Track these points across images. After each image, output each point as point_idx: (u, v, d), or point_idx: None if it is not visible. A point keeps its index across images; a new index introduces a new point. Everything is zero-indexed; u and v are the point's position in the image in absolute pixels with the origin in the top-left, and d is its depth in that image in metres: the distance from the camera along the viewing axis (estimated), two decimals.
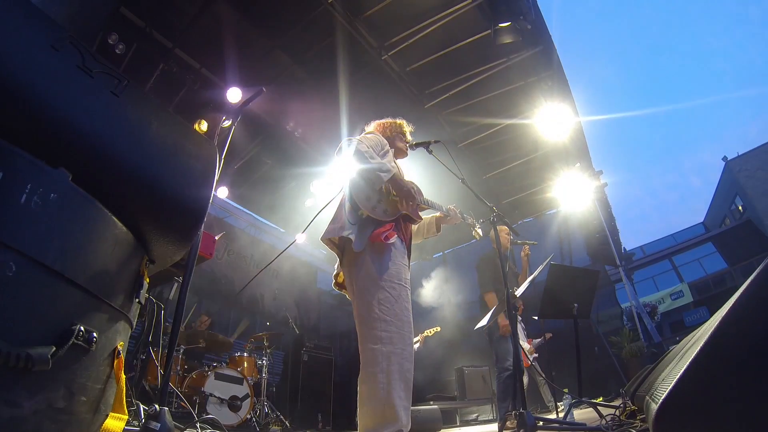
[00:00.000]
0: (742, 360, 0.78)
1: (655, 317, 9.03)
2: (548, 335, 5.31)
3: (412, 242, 2.16)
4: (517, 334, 2.63)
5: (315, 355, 6.37)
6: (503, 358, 3.47)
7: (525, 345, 5.23)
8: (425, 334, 5.39)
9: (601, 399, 4.49)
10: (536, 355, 5.41)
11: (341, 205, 1.90)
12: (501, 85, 5.58)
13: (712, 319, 1.12)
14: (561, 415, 3.17)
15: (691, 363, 0.83)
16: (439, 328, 5.60)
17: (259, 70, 5.20)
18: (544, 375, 4.92)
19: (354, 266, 1.78)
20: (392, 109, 5.41)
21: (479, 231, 2.42)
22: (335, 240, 1.85)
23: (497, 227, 2.48)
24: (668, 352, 2.17)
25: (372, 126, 2.29)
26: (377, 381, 1.55)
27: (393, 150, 2.15)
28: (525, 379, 4.78)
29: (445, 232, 2.36)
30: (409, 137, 2.29)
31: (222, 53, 4.97)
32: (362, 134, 2.18)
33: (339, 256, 1.90)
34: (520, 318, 4.81)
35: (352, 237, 1.73)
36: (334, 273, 2.00)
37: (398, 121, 2.30)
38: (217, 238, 2.89)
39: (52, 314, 0.81)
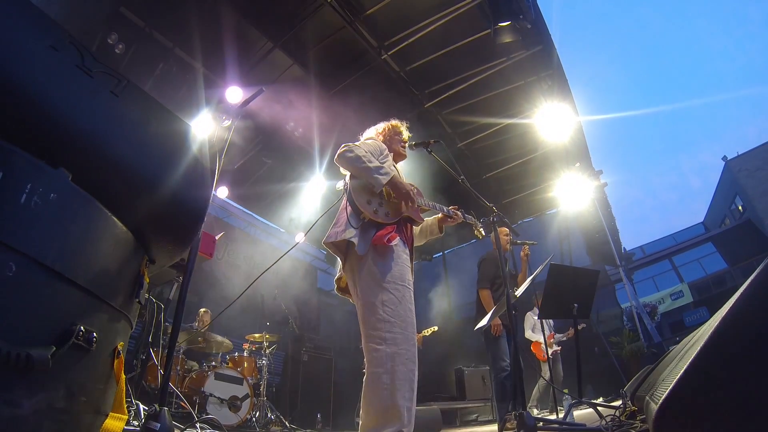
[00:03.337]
0: (741, 360, 0.78)
1: (655, 317, 9.03)
2: (571, 331, 5.17)
3: (416, 244, 2.17)
4: (514, 334, 2.63)
5: (315, 355, 6.37)
6: (499, 359, 3.46)
7: (538, 338, 5.21)
8: (423, 333, 5.39)
9: (601, 399, 4.49)
10: (558, 348, 5.39)
11: (343, 209, 1.91)
12: (501, 85, 5.58)
13: (712, 319, 1.12)
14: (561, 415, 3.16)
15: (691, 363, 0.83)
16: (436, 328, 5.60)
17: (259, 70, 5.20)
18: (552, 374, 4.91)
19: (357, 269, 1.78)
20: (392, 108, 5.44)
21: (482, 230, 2.42)
22: (338, 243, 1.86)
23: (497, 228, 2.48)
24: (668, 353, 2.17)
25: (369, 133, 2.27)
26: (381, 382, 1.55)
27: (392, 154, 2.14)
28: (547, 375, 4.77)
29: (445, 233, 2.36)
30: (406, 137, 2.28)
31: (222, 53, 4.97)
32: (361, 141, 2.17)
33: (342, 260, 1.90)
34: None
35: (354, 240, 1.74)
36: (336, 277, 2.00)
37: (393, 123, 2.28)
38: (217, 238, 2.90)
39: (52, 314, 0.81)
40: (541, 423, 2.22)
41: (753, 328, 0.77)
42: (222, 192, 6.57)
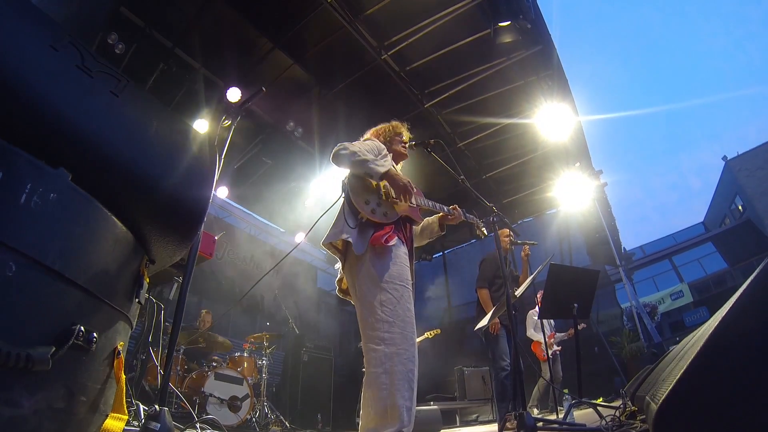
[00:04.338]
0: (741, 360, 0.78)
1: (655, 317, 9.03)
2: (572, 331, 5.17)
3: (417, 244, 2.16)
4: (514, 334, 2.63)
5: (315, 355, 6.36)
6: (499, 358, 3.46)
7: (537, 337, 5.20)
8: (425, 336, 5.39)
9: (601, 399, 4.48)
10: (559, 348, 5.39)
11: (341, 210, 1.90)
12: (501, 85, 5.58)
13: (712, 319, 1.12)
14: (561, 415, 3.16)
15: (690, 363, 0.83)
16: (438, 331, 5.60)
17: (259, 70, 5.20)
18: (553, 373, 4.91)
19: (355, 269, 1.78)
20: (392, 108, 5.43)
21: (484, 230, 2.41)
22: (336, 244, 1.85)
23: (497, 230, 2.47)
24: (668, 353, 2.17)
25: (367, 134, 2.27)
26: (380, 382, 1.55)
27: (392, 154, 2.14)
28: (547, 375, 4.78)
29: (445, 233, 2.35)
30: (406, 137, 2.27)
31: (222, 53, 4.97)
32: (359, 141, 2.16)
33: (341, 260, 1.90)
34: None
35: (352, 240, 1.74)
36: (337, 279, 1.99)
37: (393, 123, 2.27)
38: (216, 238, 2.90)
39: (52, 314, 0.81)
40: (541, 423, 2.22)
41: (753, 327, 0.77)
42: (222, 192, 6.57)
